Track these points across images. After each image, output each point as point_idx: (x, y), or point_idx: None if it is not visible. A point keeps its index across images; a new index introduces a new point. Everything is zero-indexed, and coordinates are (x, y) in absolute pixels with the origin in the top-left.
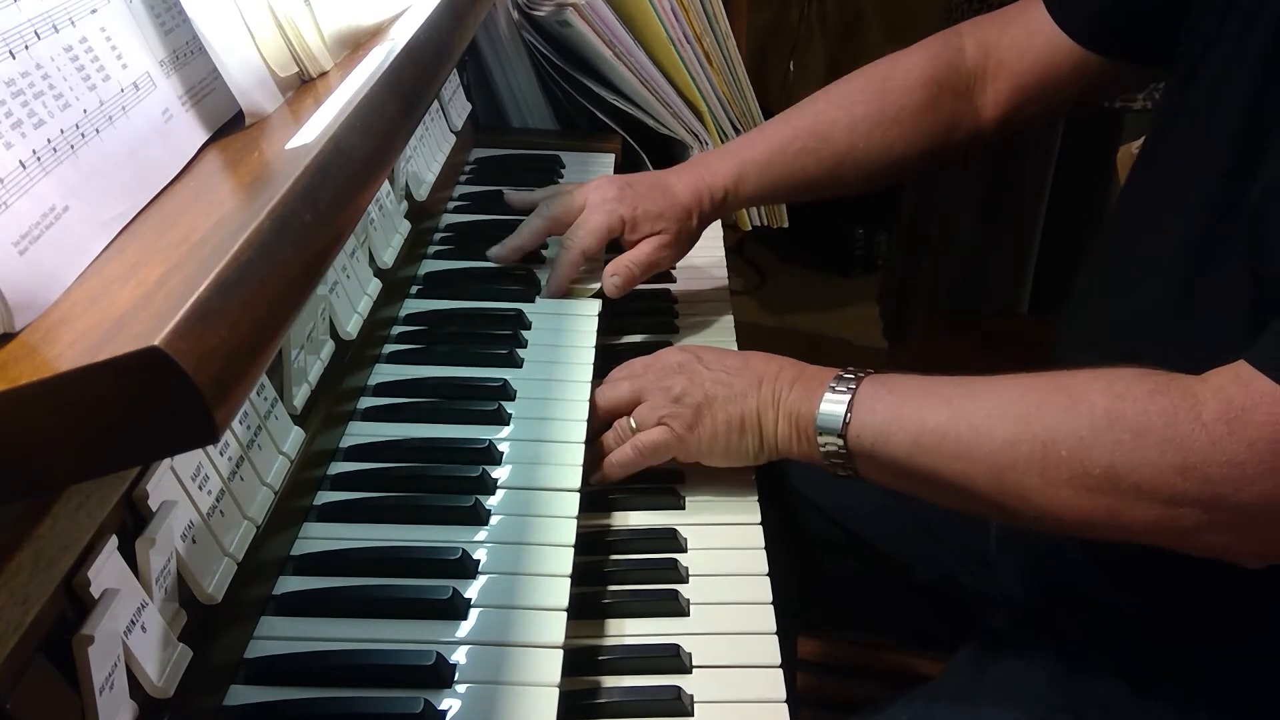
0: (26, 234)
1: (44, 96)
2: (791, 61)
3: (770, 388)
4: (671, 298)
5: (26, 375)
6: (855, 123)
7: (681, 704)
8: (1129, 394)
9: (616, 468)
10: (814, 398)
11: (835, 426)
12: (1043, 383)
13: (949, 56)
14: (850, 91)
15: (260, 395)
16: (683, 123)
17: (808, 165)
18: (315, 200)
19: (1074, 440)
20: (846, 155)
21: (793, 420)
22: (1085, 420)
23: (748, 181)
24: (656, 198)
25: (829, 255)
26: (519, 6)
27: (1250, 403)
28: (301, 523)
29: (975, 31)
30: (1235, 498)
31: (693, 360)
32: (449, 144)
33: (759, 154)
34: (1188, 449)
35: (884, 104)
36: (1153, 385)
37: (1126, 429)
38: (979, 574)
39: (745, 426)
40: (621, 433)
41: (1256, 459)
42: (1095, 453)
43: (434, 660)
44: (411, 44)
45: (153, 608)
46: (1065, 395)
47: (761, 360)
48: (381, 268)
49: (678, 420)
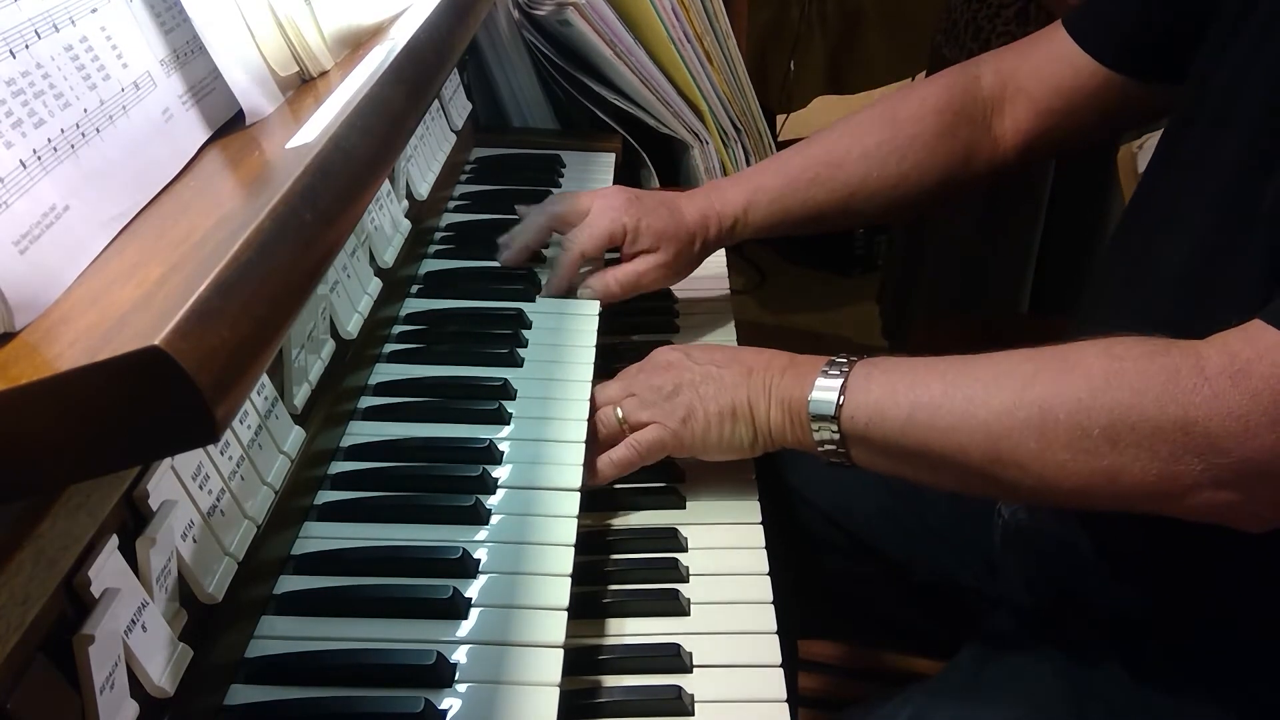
0: (27, 233)
1: (44, 96)
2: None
3: (761, 377)
4: (671, 297)
5: (27, 375)
6: (868, 151)
7: (682, 703)
8: (1128, 355)
9: (612, 466)
10: (806, 383)
11: (829, 410)
12: (1037, 353)
13: (964, 84)
14: (863, 121)
15: (261, 395)
16: (683, 122)
17: (819, 195)
18: (316, 200)
19: (1072, 403)
20: (859, 185)
21: (785, 406)
22: (1083, 382)
23: (758, 210)
24: (663, 215)
25: (829, 255)
26: (519, 6)
27: (1256, 354)
28: (302, 522)
29: (993, 61)
30: (1237, 452)
31: (682, 357)
32: (449, 143)
33: (771, 182)
34: (1189, 403)
35: (896, 132)
36: (1152, 346)
37: (1125, 387)
38: (981, 575)
39: (737, 416)
40: (608, 422)
41: (1260, 411)
42: (1094, 413)
43: (434, 660)
44: (412, 43)
45: (153, 607)
46: (1061, 361)
47: (750, 352)
48: (382, 267)
49: (670, 417)
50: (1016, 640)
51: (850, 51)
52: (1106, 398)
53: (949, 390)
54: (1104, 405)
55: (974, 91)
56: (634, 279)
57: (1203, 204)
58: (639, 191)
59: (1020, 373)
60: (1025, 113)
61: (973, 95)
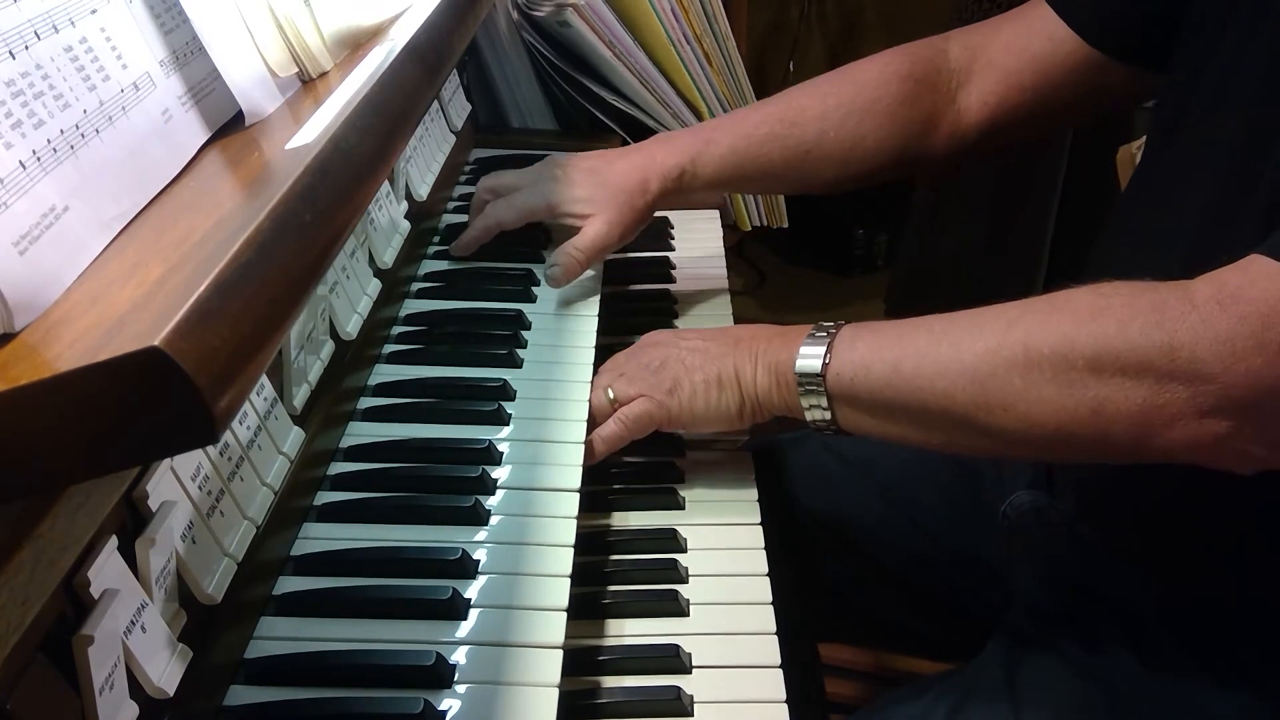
0: (26, 234)
1: (44, 97)
2: (791, 61)
3: (748, 346)
4: (671, 298)
5: (27, 375)
6: (826, 111)
7: (681, 704)
8: (1115, 292)
9: (602, 443)
10: (793, 347)
11: (815, 368)
12: (1025, 301)
13: (930, 55)
14: (824, 83)
15: (260, 395)
16: (682, 123)
17: (773, 152)
18: (315, 200)
19: (1056, 337)
20: (814, 145)
21: (772, 370)
22: (1069, 318)
23: (708, 162)
24: (588, 183)
25: (829, 255)
26: (519, 6)
27: (1246, 280)
28: (301, 523)
29: (963, 36)
30: (1223, 377)
31: (670, 335)
32: (449, 144)
33: (723, 137)
34: (1175, 329)
35: (857, 95)
36: (1141, 285)
37: (1111, 319)
38: (981, 578)
39: (723, 383)
40: (599, 403)
41: (1246, 333)
42: (1079, 344)
43: (434, 660)
44: (412, 44)
45: (153, 608)
46: (1047, 303)
47: (738, 327)
48: (381, 268)
49: (656, 389)
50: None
51: (850, 52)
52: (1092, 328)
53: (934, 339)
54: (1089, 336)
55: (940, 62)
56: (589, 243)
57: (1203, 183)
58: (567, 160)
59: (1006, 316)
60: (994, 85)
61: (938, 66)
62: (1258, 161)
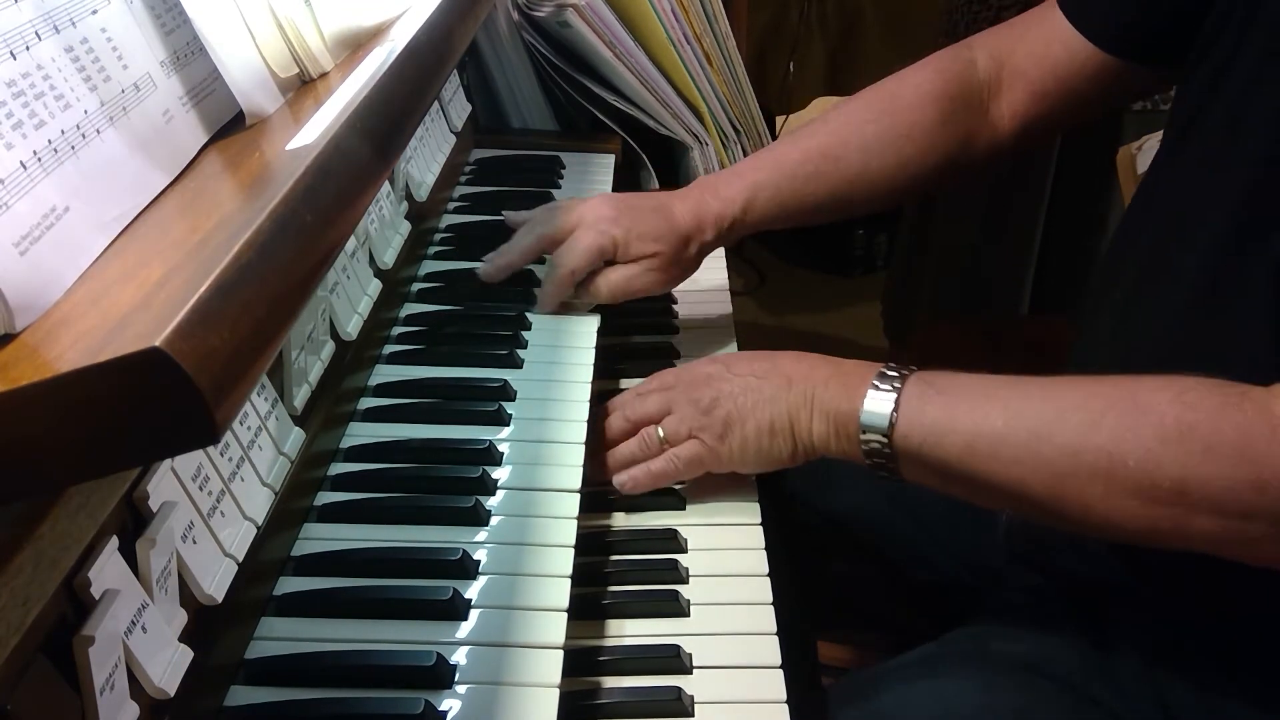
0: (27, 235)
1: (45, 97)
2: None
3: (802, 388)
4: (671, 298)
5: (28, 376)
6: (867, 143)
7: (682, 704)
8: (1200, 405)
9: (651, 478)
10: (855, 395)
11: (881, 425)
12: (1105, 389)
13: (959, 69)
14: (859, 110)
15: (261, 396)
16: (683, 123)
17: (818, 189)
18: (316, 201)
19: (1142, 451)
20: (858, 176)
21: (830, 419)
22: (1154, 431)
23: (756, 207)
24: (654, 221)
25: (829, 256)
26: (519, 7)
27: None
28: (302, 523)
29: (987, 43)
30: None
31: (721, 369)
32: (449, 145)
33: (768, 178)
34: (1262, 464)
35: (895, 122)
36: (1223, 398)
37: (1198, 441)
38: (983, 576)
39: (775, 430)
40: (649, 442)
41: None
42: (1165, 465)
43: (434, 661)
44: (412, 44)
45: (153, 608)
46: (1131, 403)
47: (790, 360)
48: (382, 268)
49: (707, 432)
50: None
51: (850, 53)
52: (1179, 449)
53: (1012, 422)
54: (1174, 460)
55: (970, 77)
56: (624, 284)
57: (1220, 203)
58: (628, 197)
59: (1088, 409)
60: (1022, 95)
61: (969, 81)
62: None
